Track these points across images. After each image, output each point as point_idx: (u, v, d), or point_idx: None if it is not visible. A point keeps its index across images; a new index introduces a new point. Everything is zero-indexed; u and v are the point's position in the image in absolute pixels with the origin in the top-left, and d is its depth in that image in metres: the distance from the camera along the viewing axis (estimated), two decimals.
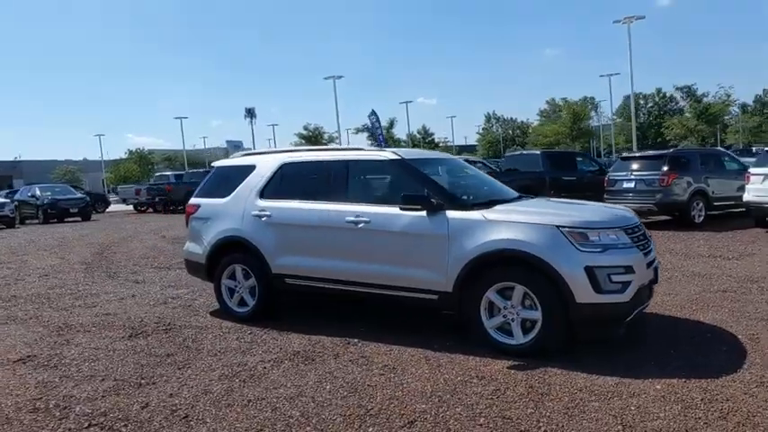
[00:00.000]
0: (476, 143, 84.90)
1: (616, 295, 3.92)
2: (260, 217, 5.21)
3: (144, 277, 8.14)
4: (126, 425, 3.26)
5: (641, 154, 13.45)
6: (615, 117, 65.60)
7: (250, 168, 5.53)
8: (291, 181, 5.30)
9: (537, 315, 4.01)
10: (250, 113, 71.18)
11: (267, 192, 5.30)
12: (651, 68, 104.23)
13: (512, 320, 4.12)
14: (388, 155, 4.88)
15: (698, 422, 3.04)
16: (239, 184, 5.47)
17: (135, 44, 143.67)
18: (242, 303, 5.46)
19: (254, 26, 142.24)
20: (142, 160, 59.86)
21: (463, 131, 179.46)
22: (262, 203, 5.26)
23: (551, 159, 14.91)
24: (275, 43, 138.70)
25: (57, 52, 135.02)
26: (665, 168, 11.31)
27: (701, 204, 11.45)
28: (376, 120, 33.14)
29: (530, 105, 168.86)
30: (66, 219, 22.56)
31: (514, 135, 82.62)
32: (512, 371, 3.82)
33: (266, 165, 5.45)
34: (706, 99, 53.68)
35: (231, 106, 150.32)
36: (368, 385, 3.70)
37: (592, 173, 15.07)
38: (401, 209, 4.50)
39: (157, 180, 28.17)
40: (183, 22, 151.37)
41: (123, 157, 62.30)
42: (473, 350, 4.19)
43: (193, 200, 5.94)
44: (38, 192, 23.46)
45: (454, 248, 4.25)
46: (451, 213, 4.35)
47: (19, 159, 66.55)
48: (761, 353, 4.02)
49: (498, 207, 4.45)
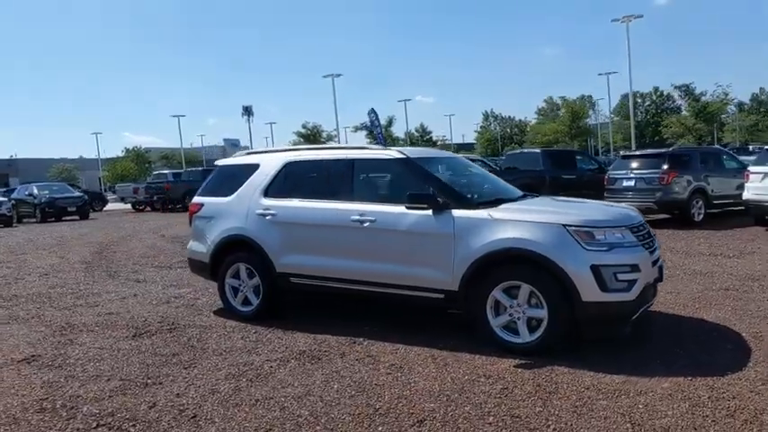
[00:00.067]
0: (474, 141, 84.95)
1: (622, 294, 3.93)
2: (264, 216, 5.20)
3: (145, 276, 8.11)
4: (134, 425, 3.25)
5: (641, 152, 13.49)
6: (613, 115, 65.73)
7: (254, 167, 5.52)
8: (296, 180, 5.30)
9: (543, 314, 4.02)
10: (247, 111, 71.18)
11: (271, 190, 5.29)
12: (648, 67, 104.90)
13: (518, 319, 4.13)
14: (394, 153, 4.87)
15: (706, 420, 3.05)
16: (243, 183, 5.46)
17: (131, 43, 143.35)
18: (246, 302, 5.45)
19: (252, 25, 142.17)
20: (139, 158, 59.78)
21: (461, 129, 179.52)
22: (266, 202, 5.25)
23: (551, 158, 14.92)
24: (273, 42, 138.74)
25: (52, 51, 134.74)
26: (665, 167, 11.35)
27: (701, 203, 11.50)
28: (375, 118, 33.08)
29: (528, 104, 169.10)
30: (63, 217, 22.48)
31: (512, 133, 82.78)
32: (519, 369, 3.83)
33: (270, 163, 5.44)
34: (704, 98, 53.87)
35: (228, 105, 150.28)
36: (375, 384, 3.70)
37: (592, 171, 15.10)
38: (407, 208, 4.50)
39: (155, 178, 28.00)
40: (181, 21, 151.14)
41: (120, 156, 62.21)
42: (479, 349, 4.20)
43: (197, 198, 5.93)
44: (35, 190, 23.39)
45: (460, 247, 4.25)
46: (457, 212, 4.35)
47: (15, 158, 66.32)
48: (765, 351, 4.04)
49: (504, 206, 4.45)
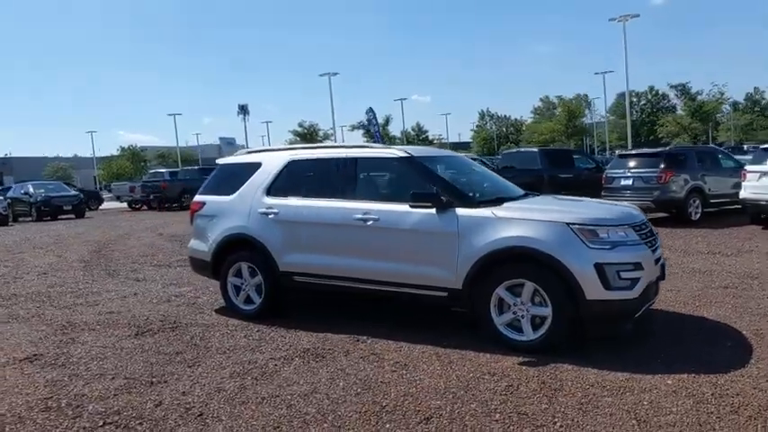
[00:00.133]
0: (470, 140, 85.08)
1: (625, 292, 3.96)
2: (267, 214, 5.20)
3: (144, 275, 8.08)
4: (141, 423, 3.25)
5: (639, 152, 13.55)
6: (608, 115, 65.94)
7: (256, 166, 5.51)
8: (298, 178, 5.30)
9: (546, 311, 4.04)
10: (243, 110, 70.94)
11: (274, 189, 5.29)
12: (644, 66, 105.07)
13: (521, 317, 4.15)
14: (397, 152, 4.88)
15: (710, 416, 3.08)
16: (245, 182, 5.45)
17: (126, 41, 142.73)
18: (248, 301, 5.44)
19: (249, 24, 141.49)
20: (135, 157, 59.52)
21: (457, 129, 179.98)
22: (268, 201, 5.24)
23: (549, 157, 14.98)
24: (271, 41, 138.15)
25: (47, 51, 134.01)
26: (663, 166, 11.40)
27: (698, 201, 11.56)
28: (373, 117, 33.12)
29: (524, 103, 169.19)
30: (59, 216, 22.37)
31: (508, 132, 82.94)
32: (523, 367, 3.85)
33: (273, 162, 5.43)
34: (700, 97, 54.18)
35: (224, 103, 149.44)
36: (381, 382, 3.71)
37: (589, 170, 15.15)
38: (410, 206, 4.50)
39: (152, 177, 27.86)
40: (177, 20, 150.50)
41: (115, 154, 61.92)
42: (483, 347, 4.21)
43: (198, 197, 5.92)
44: (31, 189, 23.25)
45: (464, 246, 4.26)
46: (461, 211, 4.36)
47: (9, 156, 65.99)
48: (766, 348, 4.07)
49: (507, 204, 4.47)
